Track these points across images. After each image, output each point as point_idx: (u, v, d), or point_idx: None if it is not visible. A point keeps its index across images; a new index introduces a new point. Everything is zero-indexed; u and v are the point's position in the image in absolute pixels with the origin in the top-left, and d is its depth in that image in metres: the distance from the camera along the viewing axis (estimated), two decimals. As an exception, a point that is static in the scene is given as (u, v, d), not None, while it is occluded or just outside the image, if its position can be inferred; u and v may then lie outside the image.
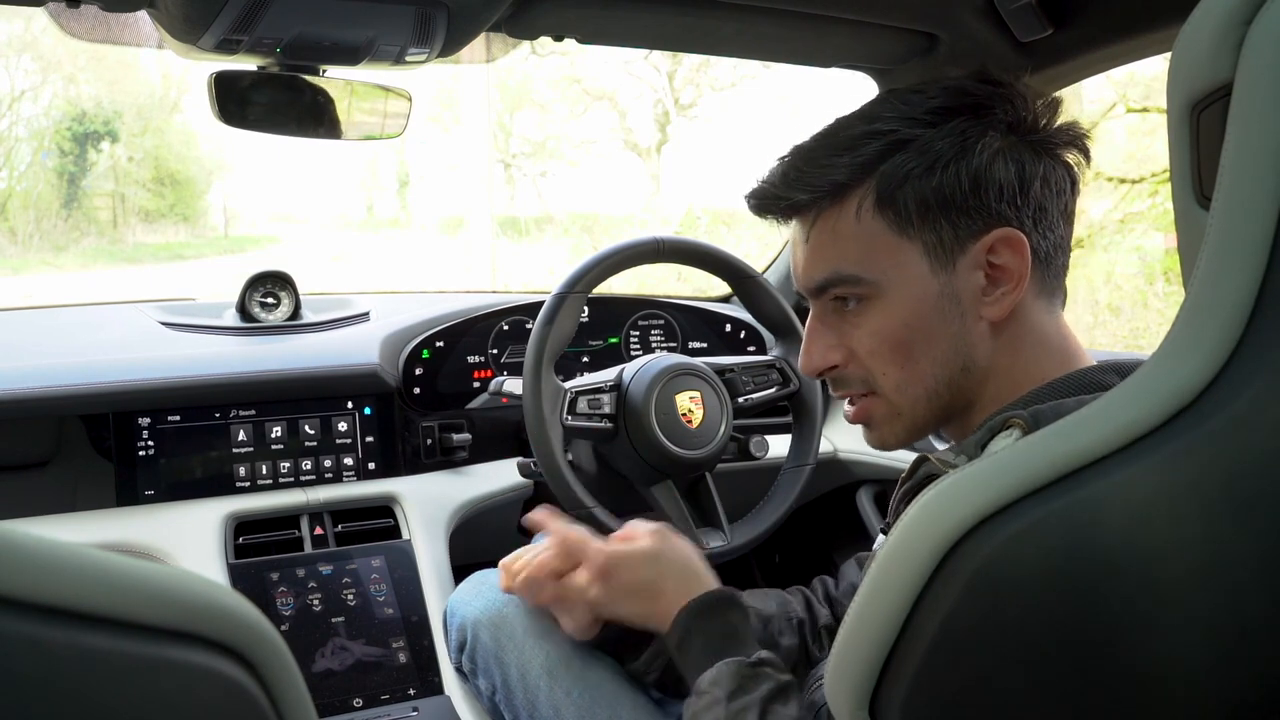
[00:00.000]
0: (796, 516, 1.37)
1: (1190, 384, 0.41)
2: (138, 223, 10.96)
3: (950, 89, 0.75)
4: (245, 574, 1.20)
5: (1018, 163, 0.73)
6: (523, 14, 1.05)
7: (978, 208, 0.72)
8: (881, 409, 0.79)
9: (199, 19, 0.94)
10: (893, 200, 0.73)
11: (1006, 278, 0.73)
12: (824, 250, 0.76)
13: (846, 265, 0.75)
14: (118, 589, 0.29)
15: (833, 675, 0.50)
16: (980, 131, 0.73)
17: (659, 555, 0.92)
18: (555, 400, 1.18)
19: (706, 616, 0.87)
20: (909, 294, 0.74)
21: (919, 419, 0.78)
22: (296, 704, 0.34)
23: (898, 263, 0.74)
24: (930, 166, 0.72)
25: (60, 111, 10.45)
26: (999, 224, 0.72)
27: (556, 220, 10.59)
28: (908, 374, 0.76)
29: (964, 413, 0.78)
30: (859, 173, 0.74)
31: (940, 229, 0.73)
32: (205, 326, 1.48)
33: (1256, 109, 0.40)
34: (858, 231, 0.74)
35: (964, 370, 0.75)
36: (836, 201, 0.75)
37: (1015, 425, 0.66)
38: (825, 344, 0.79)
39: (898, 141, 0.73)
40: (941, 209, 0.72)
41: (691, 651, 0.86)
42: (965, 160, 0.72)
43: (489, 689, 1.00)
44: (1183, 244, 0.45)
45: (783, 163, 0.78)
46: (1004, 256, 0.73)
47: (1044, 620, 0.43)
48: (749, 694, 0.79)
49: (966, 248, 0.73)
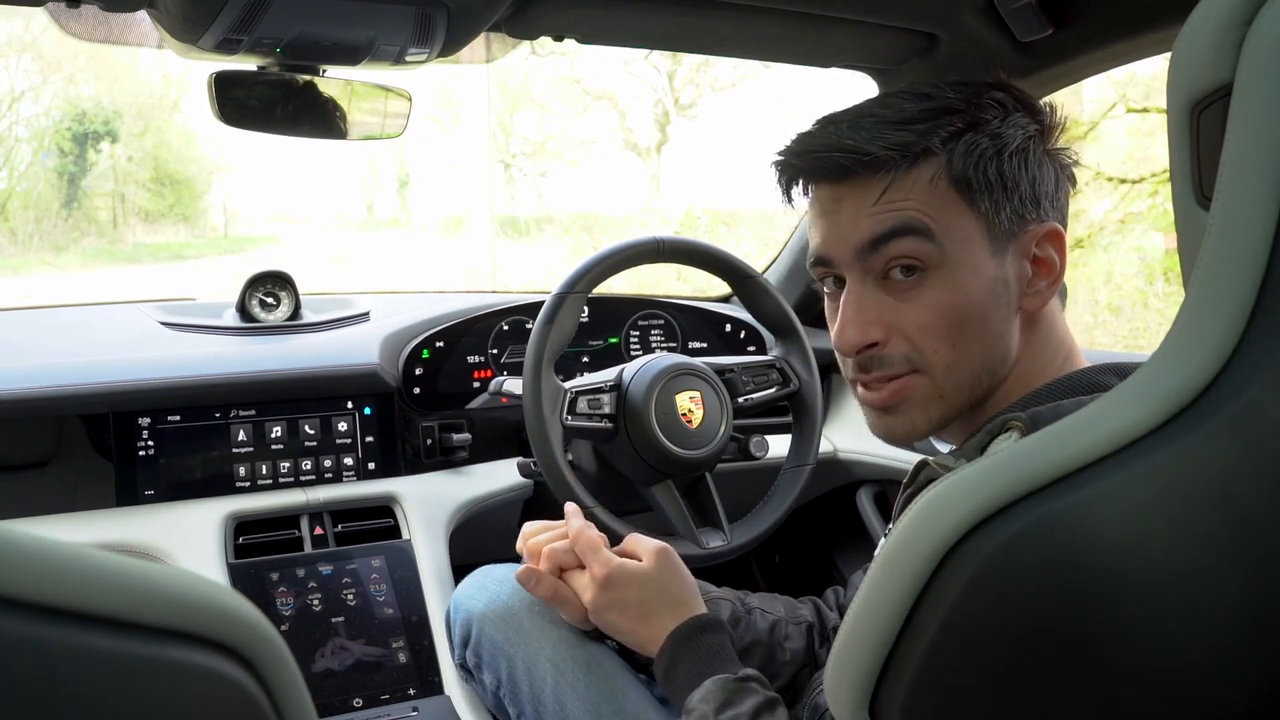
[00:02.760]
0: (796, 516, 1.37)
1: (1190, 384, 0.41)
2: (138, 223, 10.95)
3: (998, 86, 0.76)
4: (245, 574, 1.20)
5: (1054, 168, 0.76)
6: (523, 14, 1.05)
7: (1032, 199, 0.74)
8: (924, 390, 0.75)
9: (199, 19, 0.94)
10: (965, 176, 0.73)
11: (1048, 271, 0.75)
12: (894, 204, 0.73)
13: (921, 219, 0.73)
14: (118, 589, 0.29)
15: (833, 675, 0.50)
16: (1027, 130, 0.75)
17: (655, 579, 0.94)
18: (555, 400, 1.18)
19: (692, 640, 0.89)
20: (971, 270, 0.73)
21: (957, 405, 0.76)
22: (296, 704, 0.34)
23: (964, 237, 0.73)
24: (999, 151, 0.73)
25: (60, 111, 10.45)
26: (1046, 218, 0.75)
27: (556, 220, 10.59)
28: (959, 354, 0.73)
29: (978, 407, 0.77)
30: (937, 141, 0.73)
31: (1001, 212, 0.73)
32: (205, 326, 1.48)
33: (1256, 109, 0.40)
34: (932, 197, 0.73)
35: (1002, 360, 0.75)
36: (912, 165, 0.73)
37: (1014, 427, 0.66)
38: (866, 319, 0.75)
39: (972, 121, 0.73)
40: (1005, 193, 0.73)
41: (679, 675, 0.87)
42: (1024, 153, 0.74)
43: (493, 683, 1.00)
44: (1183, 244, 0.45)
45: (837, 124, 0.75)
46: (1048, 250, 0.74)
47: (1044, 620, 0.43)
48: (736, 708, 0.81)
49: (1018, 236, 0.74)
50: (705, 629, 0.90)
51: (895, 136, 0.73)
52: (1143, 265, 5.03)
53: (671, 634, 0.90)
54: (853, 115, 0.76)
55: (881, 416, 0.78)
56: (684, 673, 0.87)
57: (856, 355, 0.76)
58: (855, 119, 0.75)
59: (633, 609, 0.93)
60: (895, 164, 0.73)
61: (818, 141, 0.76)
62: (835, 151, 0.74)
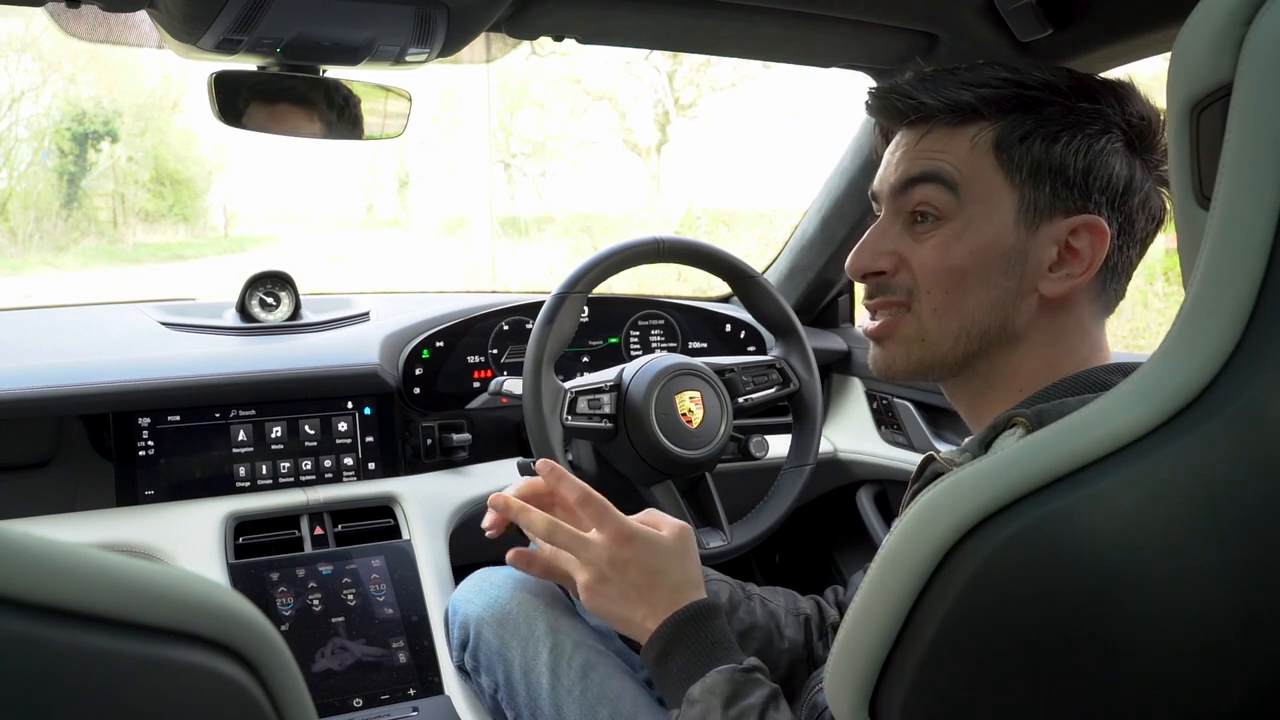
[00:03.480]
0: (796, 516, 1.37)
1: (1190, 384, 0.41)
2: (138, 223, 10.96)
3: (1089, 77, 0.77)
4: (245, 574, 1.20)
5: (1130, 170, 0.76)
6: (523, 14, 1.05)
7: (1082, 189, 0.74)
8: (910, 328, 0.78)
9: (199, 19, 0.94)
10: (1009, 147, 0.75)
11: (1078, 263, 0.75)
12: (929, 153, 0.78)
13: (947, 169, 0.76)
14: (118, 589, 0.29)
15: (833, 675, 0.50)
16: (1106, 125, 0.75)
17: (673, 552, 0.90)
18: (555, 400, 1.18)
19: (692, 625, 0.86)
20: (985, 232, 0.75)
21: (938, 354, 0.78)
22: (296, 704, 0.34)
23: (990, 202, 0.75)
24: (1057, 134, 0.74)
25: (60, 111, 10.46)
26: (1093, 211, 0.75)
27: (556, 220, 10.60)
28: (950, 301, 0.76)
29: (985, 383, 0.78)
30: (990, 108, 0.76)
31: (1041, 191, 0.75)
32: (205, 326, 1.48)
33: (1256, 109, 0.40)
34: (968, 156, 0.76)
35: (1000, 328, 0.76)
36: (958, 122, 0.77)
37: (1019, 424, 0.66)
38: (880, 249, 0.79)
39: (1035, 100, 0.75)
40: (1051, 175, 0.74)
41: (674, 662, 0.85)
42: (1090, 143, 0.74)
43: (491, 687, 1.00)
44: (1183, 244, 0.45)
45: (917, 74, 0.80)
46: (1083, 241, 0.74)
47: (1044, 620, 0.43)
48: (746, 699, 0.79)
49: (1054, 219, 0.75)
50: (706, 615, 0.87)
51: (951, 93, 0.77)
52: (1143, 265, 5.02)
53: (669, 618, 0.86)
54: (938, 70, 0.80)
55: (873, 348, 0.82)
56: (681, 660, 0.84)
57: (863, 279, 0.81)
58: (936, 73, 0.79)
59: (642, 578, 0.88)
60: (941, 116, 0.77)
61: (894, 86, 0.81)
62: (896, 95, 0.80)
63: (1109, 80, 0.77)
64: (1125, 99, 0.76)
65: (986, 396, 0.78)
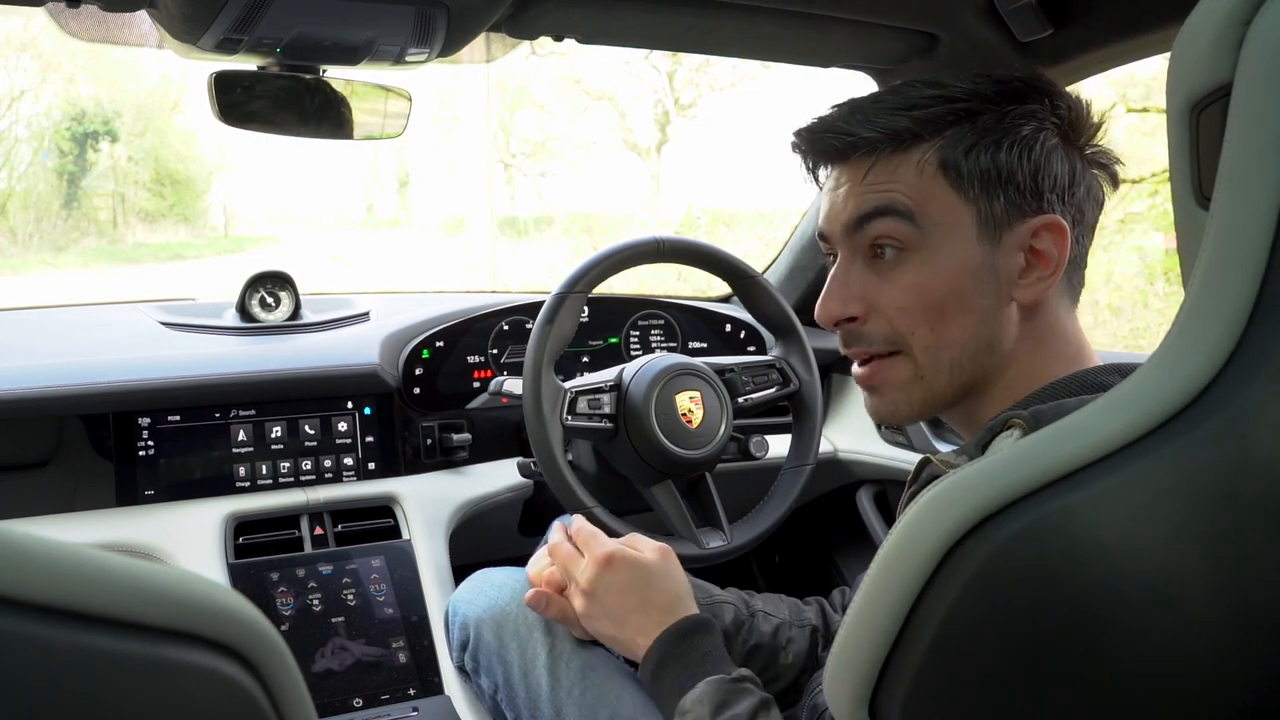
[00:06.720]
0: (796, 517, 1.37)
1: (1190, 385, 0.41)
2: (138, 223, 10.96)
3: (1013, 79, 0.77)
4: (245, 574, 1.20)
5: (1070, 163, 0.75)
6: (523, 14, 1.05)
7: (1034, 191, 0.74)
8: (905, 372, 0.77)
9: (199, 19, 0.94)
10: (956, 164, 0.74)
11: (1045, 264, 0.74)
12: (877, 185, 0.76)
13: (901, 200, 0.75)
14: (118, 589, 0.29)
15: (833, 675, 0.50)
16: (1041, 124, 0.75)
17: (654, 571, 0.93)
18: (555, 400, 1.18)
19: (683, 641, 0.88)
20: (952, 255, 0.74)
21: (938, 390, 0.77)
22: (296, 704, 0.34)
23: (949, 223, 0.74)
24: (998, 141, 0.74)
25: (60, 111, 10.46)
26: (1048, 211, 0.74)
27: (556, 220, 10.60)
28: (939, 336, 0.75)
29: (977, 400, 0.78)
30: (928, 128, 0.75)
31: (995, 201, 0.74)
32: (205, 326, 1.48)
33: (1256, 109, 0.40)
34: (917, 181, 0.75)
35: (989, 348, 0.75)
36: (900, 149, 0.75)
37: (1016, 426, 0.66)
38: (848, 294, 0.78)
39: (968, 111, 0.75)
40: (1001, 183, 0.74)
41: (668, 676, 0.87)
42: (1030, 145, 0.74)
43: (491, 688, 1.00)
44: (1183, 244, 0.45)
45: (842, 108, 0.79)
46: (1046, 242, 0.74)
47: (1044, 620, 0.43)
48: (734, 708, 0.80)
49: (1014, 226, 0.74)
50: (697, 630, 0.89)
51: (887, 121, 0.75)
52: (1143, 265, 5.03)
53: (662, 634, 0.89)
54: (862, 100, 0.79)
55: (869, 396, 0.81)
56: (674, 674, 0.86)
57: (836, 327, 0.80)
58: (861, 103, 0.78)
59: (628, 598, 0.92)
60: (882, 147, 0.75)
61: (823, 123, 0.79)
62: (830, 133, 0.78)
63: (1028, 77, 0.77)
64: (1048, 93, 0.76)
65: (983, 413, 0.78)
